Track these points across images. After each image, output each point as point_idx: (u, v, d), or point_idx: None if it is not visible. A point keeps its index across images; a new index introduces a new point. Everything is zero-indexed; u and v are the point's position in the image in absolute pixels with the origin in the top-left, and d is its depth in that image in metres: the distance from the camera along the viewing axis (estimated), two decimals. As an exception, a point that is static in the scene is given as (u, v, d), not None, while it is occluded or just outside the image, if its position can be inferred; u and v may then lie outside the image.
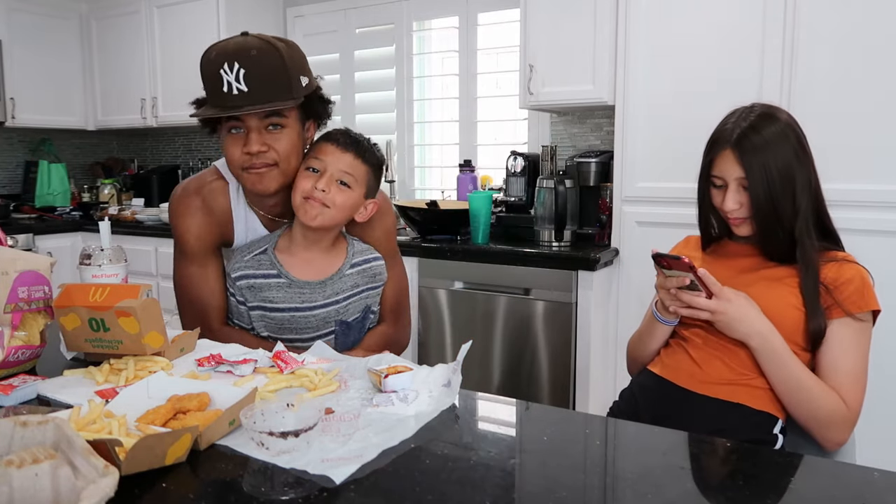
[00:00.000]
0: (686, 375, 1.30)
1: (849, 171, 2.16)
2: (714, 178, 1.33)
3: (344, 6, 3.73)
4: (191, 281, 1.44)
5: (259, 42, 1.29)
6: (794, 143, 1.28)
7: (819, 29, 2.18)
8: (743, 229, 1.33)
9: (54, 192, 4.13)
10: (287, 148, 1.34)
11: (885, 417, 2.10)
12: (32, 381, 1.08)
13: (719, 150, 1.31)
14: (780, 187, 1.25)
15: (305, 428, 0.83)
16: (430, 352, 2.88)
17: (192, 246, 1.43)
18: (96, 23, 4.22)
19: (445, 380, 1.08)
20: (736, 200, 1.29)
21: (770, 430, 1.25)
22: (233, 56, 1.26)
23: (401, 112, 3.64)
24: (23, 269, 1.16)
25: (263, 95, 1.27)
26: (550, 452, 0.89)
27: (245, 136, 1.32)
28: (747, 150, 1.26)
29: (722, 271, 1.31)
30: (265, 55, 1.27)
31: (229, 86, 1.26)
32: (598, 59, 2.66)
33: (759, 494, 0.78)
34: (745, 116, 1.30)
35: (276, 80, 1.28)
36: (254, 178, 1.34)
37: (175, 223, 1.45)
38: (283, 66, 1.29)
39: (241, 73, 1.25)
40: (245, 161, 1.33)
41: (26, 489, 0.63)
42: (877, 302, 1.25)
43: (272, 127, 1.32)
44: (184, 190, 1.46)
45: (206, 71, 1.30)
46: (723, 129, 1.32)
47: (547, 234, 2.77)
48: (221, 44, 1.31)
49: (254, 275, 1.42)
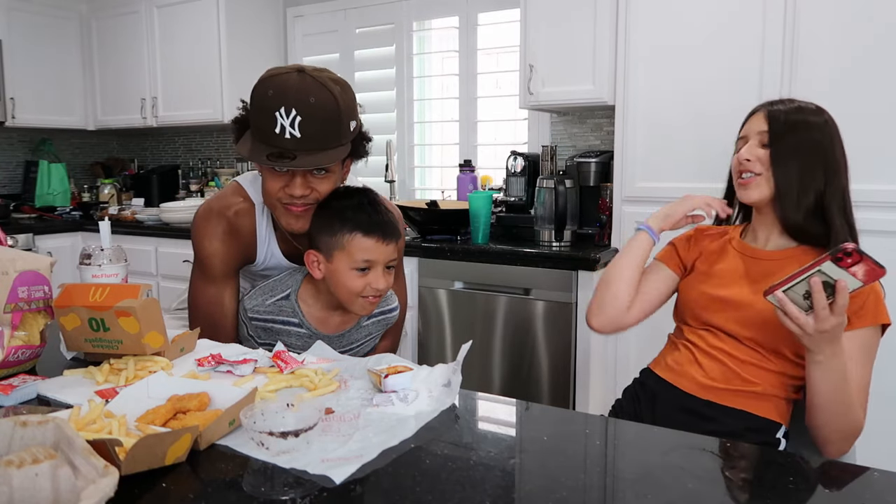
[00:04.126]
0: (689, 380, 1.29)
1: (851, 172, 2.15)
2: (739, 140, 1.29)
3: (344, 6, 3.73)
4: (208, 301, 1.44)
5: (317, 86, 1.26)
6: (830, 134, 1.24)
7: (819, 29, 2.18)
8: (752, 192, 1.26)
9: (54, 192, 4.13)
10: (329, 190, 1.35)
11: (885, 418, 2.10)
12: (32, 381, 1.08)
13: (752, 114, 1.28)
14: (806, 156, 1.20)
15: (305, 428, 0.83)
16: (430, 352, 2.88)
17: (217, 269, 1.43)
18: (96, 23, 4.22)
19: (445, 380, 1.08)
20: (750, 152, 1.24)
21: (773, 436, 1.24)
22: (292, 102, 1.24)
23: (401, 112, 3.64)
24: (23, 269, 1.16)
25: (316, 144, 1.26)
26: (550, 452, 0.89)
27: (289, 177, 1.31)
28: (778, 112, 1.23)
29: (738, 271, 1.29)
30: (322, 103, 1.26)
31: (282, 129, 1.24)
32: (598, 59, 2.66)
33: (760, 494, 0.78)
34: (792, 99, 1.28)
35: (330, 130, 1.28)
36: (291, 218, 1.35)
37: (199, 244, 1.44)
38: (338, 114, 1.28)
39: (298, 121, 1.24)
40: (285, 198, 1.33)
41: (26, 489, 0.63)
42: (887, 315, 1.21)
43: (317, 171, 1.32)
44: (208, 211, 1.44)
45: (260, 106, 1.27)
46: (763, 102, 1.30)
47: (547, 234, 2.77)
48: (278, 79, 1.27)
49: (273, 320, 1.40)
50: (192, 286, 1.47)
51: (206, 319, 1.44)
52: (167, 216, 3.63)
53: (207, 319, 1.44)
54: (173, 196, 4.20)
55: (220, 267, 1.43)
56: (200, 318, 1.45)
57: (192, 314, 1.48)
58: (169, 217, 3.62)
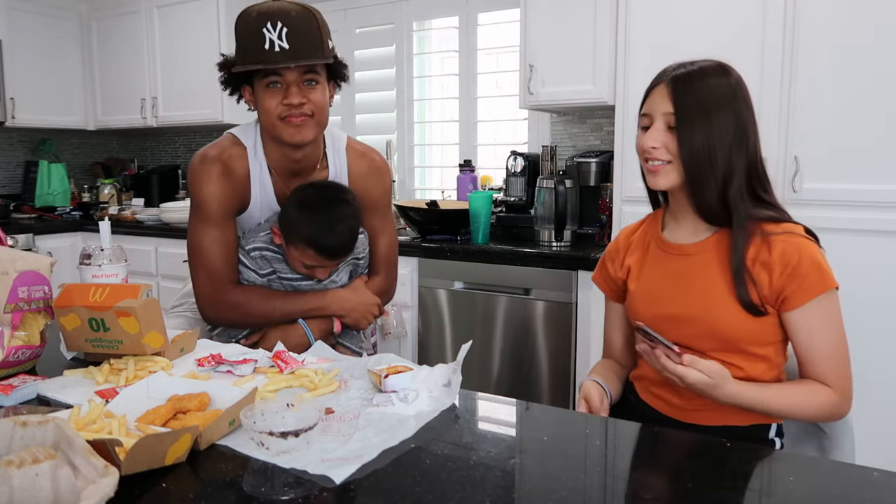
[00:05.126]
0: (666, 403, 1.26)
1: (851, 172, 2.16)
2: (642, 116, 1.19)
3: (344, 6, 3.73)
4: (212, 243, 1.50)
5: (295, 6, 1.39)
6: (742, 97, 1.16)
7: (819, 29, 2.17)
8: (660, 179, 1.18)
9: (54, 192, 4.13)
10: (322, 100, 1.44)
11: (885, 417, 2.10)
12: (32, 381, 1.08)
13: (653, 87, 1.18)
14: (717, 136, 1.12)
15: (305, 428, 0.83)
16: (430, 352, 2.88)
17: (215, 211, 1.49)
18: (96, 23, 4.21)
19: (445, 380, 1.08)
20: (656, 139, 1.16)
21: (766, 436, 1.22)
22: (276, 16, 1.35)
23: (401, 112, 3.64)
24: (23, 269, 1.16)
25: (304, 52, 1.37)
26: (550, 452, 0.89)
27: (284, 90, 1.40)
28: (684, 85, 1.13)
29: (669, 271, 1.25)
30: (304, 17, 1.38)
31: (272, 43, 1.35)
32: (598, 59, 2.66)
33: (760, 494, 0.78)
34: (694, 62, 1.18)
35: (314, 40, 1.39)
36: (292, 129, 1.42)
37: (196, 189, 1.50)
38: (318, 27, 1.41)
39: (284, 32, 1.35)
40: (284, 111, 1.41)
41: (26, 489, 0.63)
42: (833, 279, 1.14)
43: (308, 82, 1.41)
44: (204, 157, 1.51)
45: (247, 29, 1.39)
46: (664, 69, 1.20)
47: (547, 234, 2.77)
48: (258, 6, 1.39)
49: (267, 248, 1.51)
50: (191, 232, 1.52)
51: (207, 265, 1.49)
52: (167, 216, 3.63)
53: (211, 263, 1.49)
54: (173, 196, 4.20)
55: (217, 209, 1.49)
56: (202, 263, 1.50)
57: (193, 261, 1.52)
58: (169, 217, 3.62)
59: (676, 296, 1.23)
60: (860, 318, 2.15)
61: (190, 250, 1.52)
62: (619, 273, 1.36)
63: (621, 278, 1.36)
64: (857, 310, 2.16)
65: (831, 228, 2.16)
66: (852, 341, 1.20)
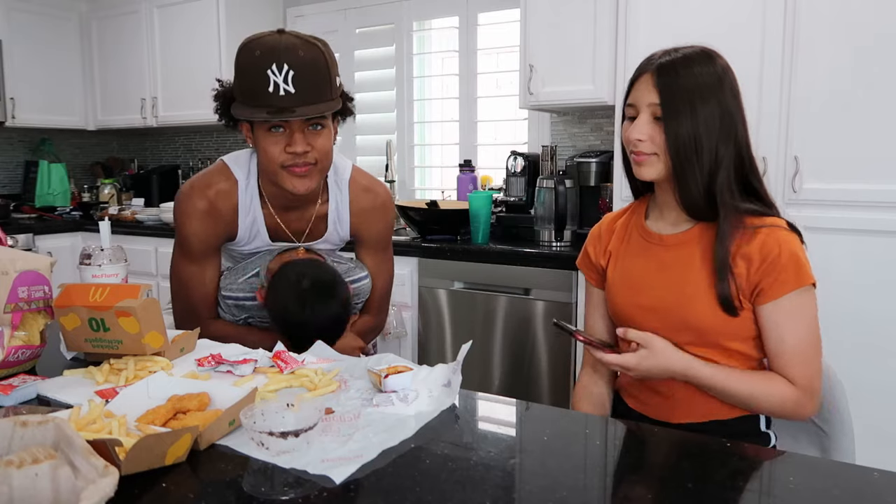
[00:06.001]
0: (654, 407, 1.25)
1: (851, 172, 2.16)
2: (627, 106, 1.18)
3: (344, 6, 3.73)
4: (189, 278, 1.47)
5: (302, 42, 1.29)
6: (728, 86, 1.14)
7: (819, 30, 2.17)
8: (645, 170, 1.17)
9: (54, 192, 4.13)
10: (327, 146, 1.36)
11: (885, 417, 2.10)
12: (32, 381, 1.08)
13: (638, 76, 1.17)
14: (703, 128, 1.11)
15: (305, 428, 0.83)
16: (430, 352, 2.88)
17: (195, 248, 1.45)
18: (96, 23, 4.21)
19: (445, 380, 1.08)
20: (642, 131, 1.14)
21: (757, 428, 1.22)
22: (283, 58, 1.25)
23: (401, 112, 3.64)
24: (23, 269, 1.16)
25: (311, 97, 1.28)
26: (550, 452, 0.89)
27: (288, 136, 1.32)
28: (669, 75, 1.12)
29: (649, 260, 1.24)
30: (311, 55, 1.28)
31: (276, 86, 1.26)
32: (598, 59, 2.66)
33: (759, 494, 0.78)
34: (678, 49, 1.16)
35: (321, 82, 1.30)
36: (295, 179, 1.35)
37: (179, 223, 1.46)
38: (327, 67, 1.31)
39: (290, 75, 1.25)
40: (287, 160, 1.33)
41: (26, 489, 0.63)
42: (811, 275, 1.13)
43: (313, 126, 1.34)
44: (191, 189, 1.46)
45: (249, 68, 1.29)
46: (650, 57, 1.18)
47: (547, 234, 2.77)
48: (263, 41, 1.29)
49: (245, 297, 1.46)
50: (173, 259, 1.50)
51: (184, 297, 1.47)
52: (167, 216, 3.63)
53: (187, 297, 1.47)
54: (173, 196, 4.19)
55: (197, 246, 1.45)
56: (179, 294, 1.48)
57: (172, 288, 1.50)
58: (169, 217, 3.62)
59: (654, 286, 1.22)
60: (860, 318, 2.16)
61: (170, 276, 1.50)
62: (600, 259, 1.35)
63: (602, 264, 1.35)
64: (857, 310, 2.16)
65: (831, 228, 2.17)
66: (852, 341, 1.20)
